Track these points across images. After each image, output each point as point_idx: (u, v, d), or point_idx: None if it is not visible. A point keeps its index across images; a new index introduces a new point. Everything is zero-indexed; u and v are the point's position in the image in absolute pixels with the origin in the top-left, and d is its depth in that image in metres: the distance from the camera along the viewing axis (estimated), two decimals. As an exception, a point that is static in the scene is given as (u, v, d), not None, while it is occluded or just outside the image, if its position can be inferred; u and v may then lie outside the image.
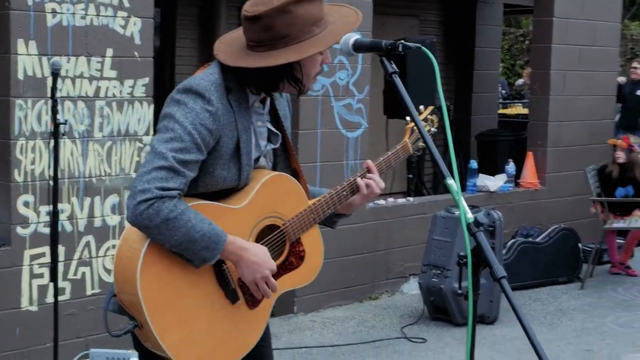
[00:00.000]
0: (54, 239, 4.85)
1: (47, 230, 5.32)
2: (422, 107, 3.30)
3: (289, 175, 2.95)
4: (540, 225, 8.78)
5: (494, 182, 8.66)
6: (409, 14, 10.72)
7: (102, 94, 5.69)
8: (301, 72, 2.80)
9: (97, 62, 5.65)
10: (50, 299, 5.19)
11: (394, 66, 2.68)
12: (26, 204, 5.41)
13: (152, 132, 5.88)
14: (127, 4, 5.76)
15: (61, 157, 5.35)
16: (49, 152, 5.30)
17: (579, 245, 8.51)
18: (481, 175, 8.72)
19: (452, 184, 2.46)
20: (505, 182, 8.75)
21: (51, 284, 4.95)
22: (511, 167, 8.88)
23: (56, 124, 4.74)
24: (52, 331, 4.93)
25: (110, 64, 5.71)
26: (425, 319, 7.07)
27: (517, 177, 9.01)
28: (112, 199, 5.77)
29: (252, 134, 2.83)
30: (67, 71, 5.50)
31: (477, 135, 11.04)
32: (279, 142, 2.96)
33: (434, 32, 11.08)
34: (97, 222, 5.71)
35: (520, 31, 22.10)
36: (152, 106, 5.93)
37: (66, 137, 5.37)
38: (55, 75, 4.79)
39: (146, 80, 5.89)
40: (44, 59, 5.39)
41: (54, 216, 4.85)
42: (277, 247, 2.89)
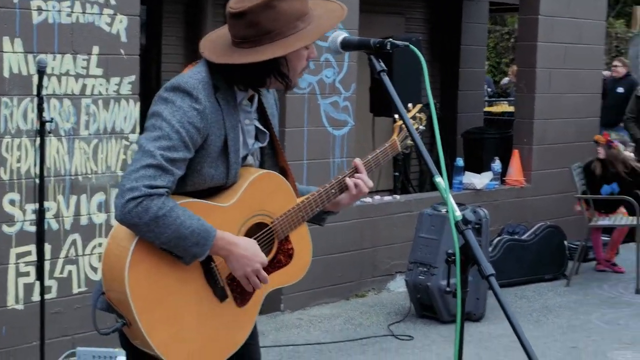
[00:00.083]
0: (40, 237, 4.83)
1: (33, 228, 5.30)
2: (410, 104, 3.30)
3: (277, 173, 2.94)
4: (526, 222, 8.80)
5: (480, 180, 8.68)
6: (394, 12, 10.73)
7: (88, 92, 5.67)
8: (287, 67, 2.80)
9: (83, 59, 5.63)
10: (36, 298, 5.18)
11: (382, 64, 2.69)
12: (12, 202, 5.39)
13: (138, 130, 5.87)
14: (113, 2, 5.74)
15: (47, 155, 5.33)
16: (35, 150, 5.27)
17: (565, 242, 8.54)
18: (467, 172, 8.74)
19: (441, 181, 2.46)
20: (491, 180, 8.77)
21: (37, 283, 4.93)
22: (497, 165, 8.90)
23: (42, 122, 4.72)
24: (38, 330, 4.91)
25: (96, 62, 5.69)
26: (412, 316, 7.08)
27: (503, 175, 9.03)
28: (99, 197, 5.75)
29: (239, 132, 2.82)
30: (53, 69, 5.48)
31: (463, 133, 11.06)
32: (267, 140, 2.96)
33: (420, 29, 11.09)
34: (84, 220, 5.70)
35: (505, 29, 22.11)
36: (138, 104, 5.91)
37: (52, 135, 5.35)
38: (41, 73, 4.77)
39: (132, 78, 5.87)
40: (30, 57, 5.37)
41: (40, 214, 4.83)
42: (265, 245, 2.88)
